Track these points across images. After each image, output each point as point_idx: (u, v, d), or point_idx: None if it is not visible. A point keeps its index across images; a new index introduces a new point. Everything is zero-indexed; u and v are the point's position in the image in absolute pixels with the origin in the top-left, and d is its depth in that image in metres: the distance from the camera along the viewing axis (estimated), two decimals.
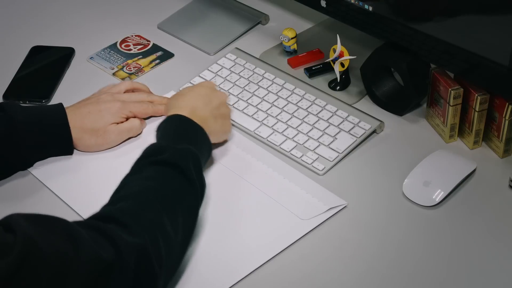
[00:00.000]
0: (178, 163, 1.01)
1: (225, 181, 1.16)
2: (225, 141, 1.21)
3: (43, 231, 0.83)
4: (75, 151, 1.20)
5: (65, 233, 0.84)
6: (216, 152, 1.20)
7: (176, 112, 1.12)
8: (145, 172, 1.01)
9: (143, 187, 0.99)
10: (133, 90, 1.27)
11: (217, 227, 1.09)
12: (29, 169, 1.18)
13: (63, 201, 1.14)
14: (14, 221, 0.82)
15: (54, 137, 1.17)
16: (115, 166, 1.16)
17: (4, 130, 1.13)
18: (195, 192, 1.02)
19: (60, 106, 1.19)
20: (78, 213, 1.11)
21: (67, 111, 1.18)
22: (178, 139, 1.08)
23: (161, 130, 1.10)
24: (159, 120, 1.14)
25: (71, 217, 0.92)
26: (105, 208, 0.96)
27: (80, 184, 1.17)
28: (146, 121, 1.25)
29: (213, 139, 1.15)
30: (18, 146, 1.14)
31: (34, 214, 0.86)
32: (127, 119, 1.22)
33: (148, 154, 1.04)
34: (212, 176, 1.16)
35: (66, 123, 1.17)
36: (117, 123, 1.21)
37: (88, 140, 1.19)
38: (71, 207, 1.12)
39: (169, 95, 1.30)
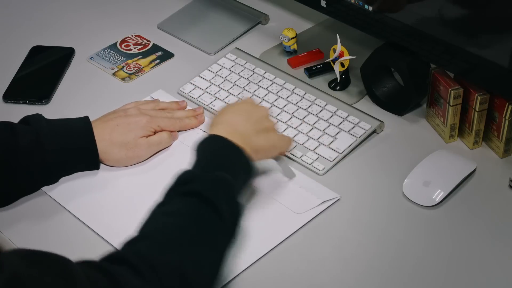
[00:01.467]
0: (207, 194, 0.95)
1: None
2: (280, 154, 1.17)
3: (36, 271, 0.78)
4: (101, 167, 1.18)
5: (62, 274, 0.79)
6: None
7: (216, 129, 1.07)
8: (173, 204, 0.96)
9: (168, 223, 0.93)
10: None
11: None
12: (49, 192, 1.15)
13: (85, 224, 1.11)
14: (6, 258, 0.77)
15: (80, 152, 1.15)
16: (143, 183, 1.16)
17: (29, 143, 1.10)
18: (225, 225, 0.95)
19: (86, 119, 1.17)
20: (102, 237, 1.09)
21: (93, 124, 1.16)
22: (214, 163, 1.02)
23: (198, 151, 1.04)
24: (188, 133, 1.16)
25: (93, 242, 0.93)
26: (124, 246, 0.91)
27: (105, 204, 1.14)
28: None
29: (260, 156, 1.09)
30: (44, 159, 1.11)
31: (34, 251, 0.81)
32: (155, 133, 1.20)
33: (178, 182, 0.98)
34: None
35: (92, 137, 1.14)
36: (146, 137, 1.19)
37: (117, 153, 1.16)
38: (94, 230, 1.10)
39: (155, 95, 1.30)
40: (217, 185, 0.97)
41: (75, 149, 1.14)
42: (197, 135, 1.23)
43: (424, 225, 1.09)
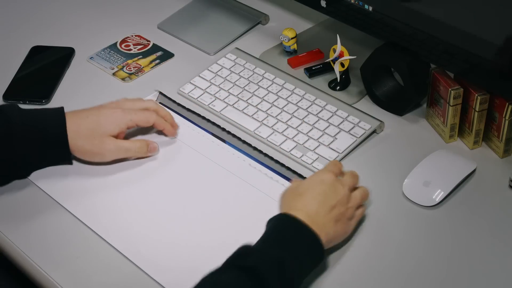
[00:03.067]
0: (260, 271, 0.90)
1: (208, 174, 1.17)
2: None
3: None
4: (100, 167, 1.17)
5: None
6: (195, 143, 1.21)
7: (293, 210, 0.99)
8: (224, 276, 0.92)
9: None
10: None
11: (199, 220, 1.10)
12: (48, 191, 1.15)
13: (84, 223, 1.11)
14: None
15: (49, 141, 1.12)
16: (144, 183, 1.16)
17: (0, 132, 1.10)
18: None
19: (60, 109, 1.14)
20: (100, 236, 1.09)
21: (66, 115, 1.13)
22: (278, 242, 0.95)
23: (268, 226, 0.99)
24: (194, 133, 1.20)
25: (92, 240, 0.92)
26: None
27: (105, 203, 1.13)
28: (165, 148, 1.21)
29: (332, 243, 1.02)
30: (12, 148, 1.10)
31: None
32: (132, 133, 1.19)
33: (235, 255, 0.94)
34: (193, 166, 1.18)
35: (63, 127, 1.12)
36: (117, 137, 1.16)
37: (82, 146, 1.13)
38: (92, 229, 1.10)
39: (150, 97, 1.30)
40: (273, 264, 0.92)
41: (44, 138, 1.12)
42: (203, 137, 1.24)
43: (424, 225, 1.09)
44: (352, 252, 1.05)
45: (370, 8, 1.23)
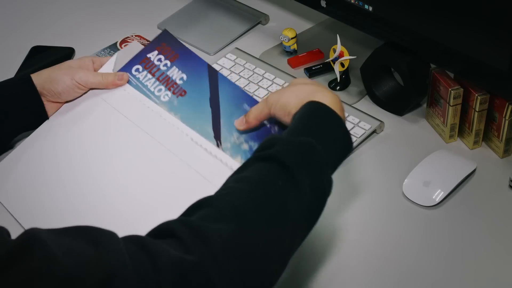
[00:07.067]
0: (283, 158, 0.84)
1: (170, 167, 1.07)
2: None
3: (66, 239, 0.74)
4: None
5: (92, 242, 0.74)
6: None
7: (318, 96, 0.93)
8: (247, 170, 0.86)
9: (235, 189, 0.84)
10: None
11: (151, 210, 1.03)
12: None
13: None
14: (40, 234, 0.73)
15: (19, 94, 1.15)
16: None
17: None
18: (301, 197, 0.83)
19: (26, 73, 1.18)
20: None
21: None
22: (306, 130, 0.89)
23: (295, 117, 0.94)
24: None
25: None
26: (181, 215, 0.83)
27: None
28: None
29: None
30: None
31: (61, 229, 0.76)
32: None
33: (260, 148, 0.89)
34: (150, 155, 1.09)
35: (28, 77, 1.15)
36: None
37: (48, 74, 1.16)
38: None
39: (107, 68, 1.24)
40: (299, 151, 0.86)
41: (13, 92, 1.14)
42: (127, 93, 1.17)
43: (424, 225, 1.09)
44: (352, 252, 1.05)
45: (370, 8, 1.23)
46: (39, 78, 1.16)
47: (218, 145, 1.06)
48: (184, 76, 1.14)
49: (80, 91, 1.17)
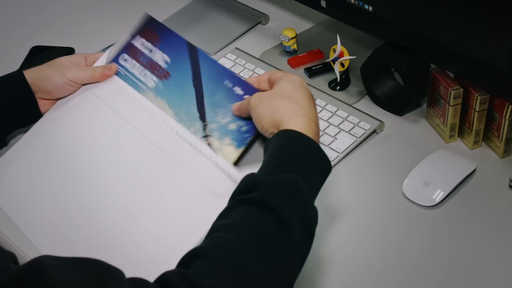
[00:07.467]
0: (270, 202, 0.84)
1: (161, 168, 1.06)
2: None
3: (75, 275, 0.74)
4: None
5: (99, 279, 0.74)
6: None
7: (292, 123, 0.93)
8: (234, 216, 0.85)
9: (228, 240, 0.82)
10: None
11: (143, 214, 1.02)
12: None
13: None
14: (46, 264, 0.73)
15: (11, 89, 1.15)
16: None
17: None
18: (293, 238, 0.83)
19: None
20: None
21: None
22: (283, 164, 0.89)
23: (267, 149, 0.93)
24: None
25: None
26: (177, 265, 0.83)
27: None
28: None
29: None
30: None
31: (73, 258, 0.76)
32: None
33: (241, 189, 0.88)
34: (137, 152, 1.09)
35: (21, 74, 1.15)
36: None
37: (40, 71, 1.16)
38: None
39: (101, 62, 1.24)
40: (283, 191, 0.86)
41: (5, 89, 1.14)
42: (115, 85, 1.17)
43: (424, 225, 1.09)
44: (352, 252, 1.05)
45: (370, 8, 1.23)
46: (31, 75, 1.16)
47: (204, 128, 1.06)
48: (167, 58, 1.15)
49: (72, 88, 1.17)
